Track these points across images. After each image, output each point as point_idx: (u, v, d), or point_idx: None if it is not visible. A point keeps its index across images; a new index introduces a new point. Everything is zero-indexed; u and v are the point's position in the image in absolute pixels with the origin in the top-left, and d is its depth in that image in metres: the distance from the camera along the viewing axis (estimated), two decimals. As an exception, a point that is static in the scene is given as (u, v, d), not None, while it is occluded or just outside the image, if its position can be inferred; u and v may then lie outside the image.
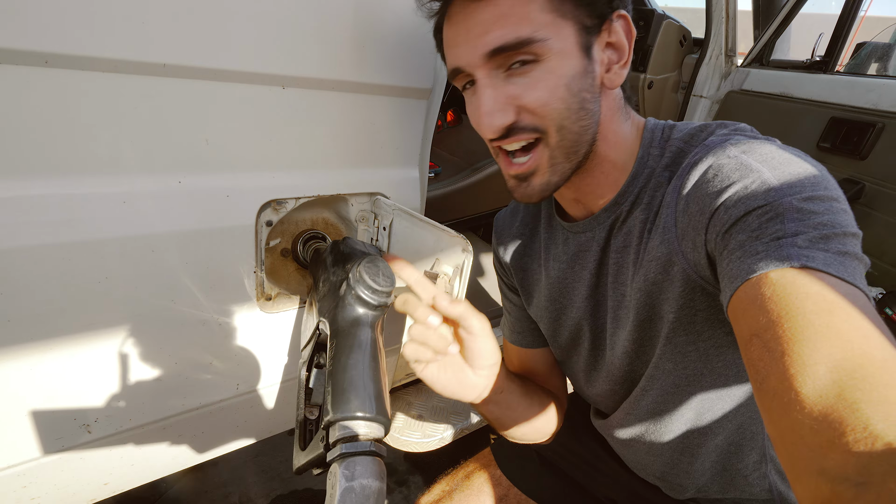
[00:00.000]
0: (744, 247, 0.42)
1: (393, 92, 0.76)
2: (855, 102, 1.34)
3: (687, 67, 2.03)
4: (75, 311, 0.59)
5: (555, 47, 0.51)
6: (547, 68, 0.51)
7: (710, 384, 0.62)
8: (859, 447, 0.28)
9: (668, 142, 0.58)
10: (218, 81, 0.59)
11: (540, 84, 0.52)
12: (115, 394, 0.69)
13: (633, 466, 0.79)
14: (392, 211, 0.78)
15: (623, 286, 0.63)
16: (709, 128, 0.57)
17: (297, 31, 0.62)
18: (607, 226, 0.63)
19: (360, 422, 0.48)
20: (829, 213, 0.41)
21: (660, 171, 0.58)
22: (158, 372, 0.71)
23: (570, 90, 0.52)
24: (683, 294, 0.55)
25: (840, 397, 0.31)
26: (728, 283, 0.43)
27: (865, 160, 1.27)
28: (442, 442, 1.30)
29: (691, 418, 0.65)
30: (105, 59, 0.51)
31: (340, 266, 0.61)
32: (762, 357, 0.36)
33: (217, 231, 0.66)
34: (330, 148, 0.73)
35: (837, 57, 1.51)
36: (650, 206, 0.58)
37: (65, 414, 0.65)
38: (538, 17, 0.50)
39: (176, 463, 0.86)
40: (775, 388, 0.34)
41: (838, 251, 0.39)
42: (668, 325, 0.58)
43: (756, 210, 0.43)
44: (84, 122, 0.53)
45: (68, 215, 0.55)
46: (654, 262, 0.56)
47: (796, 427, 0.32)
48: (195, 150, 0.61)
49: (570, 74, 0.52)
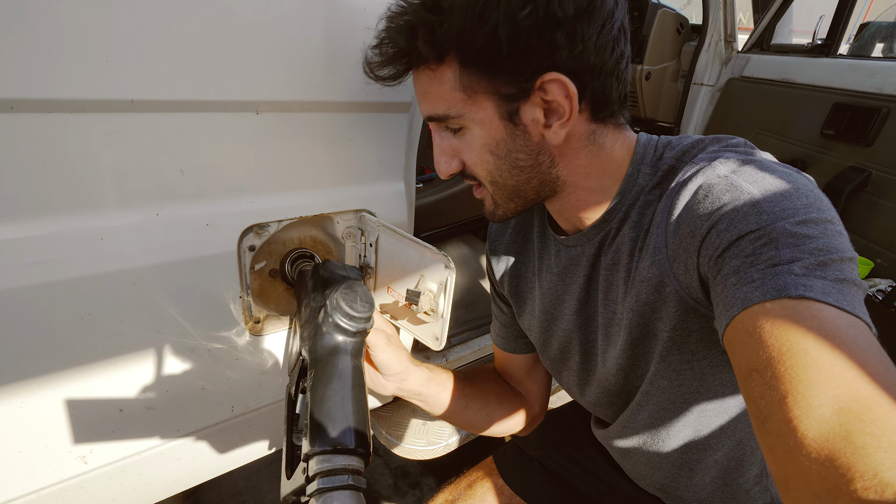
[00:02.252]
0: (738, 273, 0.41)
1: (371, 108, 0.75)
2: (859, 87, 1.29)
3: (686, 55, 1.98)
4: (60, 350, 0.60)
5: (474, 118, 0.54)
6: (471, 136, 0.56)
7: (706, 402, 0.61)
8: (868, 495, 0.27)
9: (660, 160, 0.58)
10: (188, 112, 0.59)
11: (468, 148, 0.57)
12: (108, 424, 0.69)
13: (633, 477, 0.79)
14: (377, 228, 0.78)
15: (614, 304, 0.62)
16: (701, 143, 0.56)
17: (265, 57, 0.61)
18: (596, 242, 0.63)
19: (339, 455, 0.47)
20: (825, 237, 0.40)
21: (649, 189, 0.57)
22: (151, 401, 0.71)
23: (495, 154, 0.56)
24: (677, 314, 0.54)
25: (848, 441, 0.30)
26: (723, 311, 0.42)
27: (871, 147, 1.23)
28: (447, 448, 1.31)
29: (689, 434, 0.65)
30: (70, 100, 0.51)
31: (320, 291, 0.61)
32: (763, 395, 0.35)
33: (199, 260, 0.66)
34: (310, 168, 0.73)
35: (840, 39, 1.46)
36: (640, 225, 0.57)
37: (59, 447, 0.66)
38: (450, 96, 0.53)
39: (177, 485, 0.87)
40: (779, 429, 0.33)
41: (836, 278, 0.38)
42: (662, 343, 0.57)
43: (749, 234, 0.42)
44: (55, 164, 0.53)
45: (46, 256, 0.55)
46: (646, 283, 0.55)
47: (802, 472, 0.31)
48: (171, 181, 0.61)
49: (494, 141, 0.55)
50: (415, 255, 0.71)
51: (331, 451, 0.47)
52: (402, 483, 1.70)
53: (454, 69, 0.51)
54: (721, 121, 1.82)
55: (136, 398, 0.70)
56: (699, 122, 1.91)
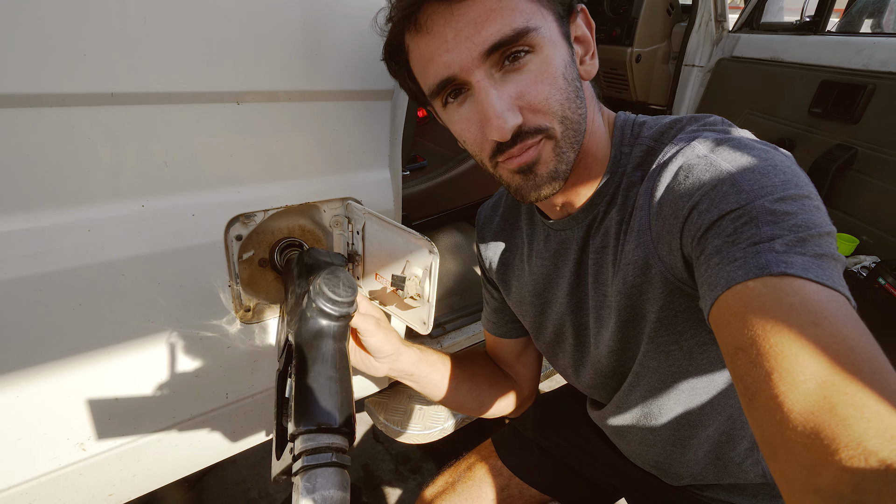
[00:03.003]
0: (721, 252, 0.42)
1: (352, 96, 0.75)
2: (845, 64, 1.29)
3: (676, 37, 1.97)
4: (54, 340, 0.61)
5: (546, 35, 0.50)
6: (543, 59, 0.50)
7: (696, 380, 0.62)
8: (853, 464, 0.28)
9: (637, 139, 0.58)
10: (169, 104, 0.59)
11: (540, 78, 0.50)
12: (105, 413, 0.71)
13: (629, 455, 0.80)
14: (363, 215, 0.79)
15: (604, 286, 0.63)
16: (679, 123, 0.57)
17: (245, 47, 0.62)
18: (585, 225, 0.63)
19: (323, 434, 0.49)
20: (803, 213, 0.41)
21: (630, 170, 0.57)
22: (145, 389, 0.73)
23: (566, 79, 0.51)
24: (663, 295, 0.55)
25: (832, 413, 0.30)
26: (707, 291, 0.43)
27: (857, 124, 1.23)
28: (443, 433, 1.33)
29: (680, 411, 0.66)
30: (50, 94, 0.52)
31: (304, 278, 0.62)
32: (749, 372, 0.36)
33: (186, 250, 0.67)
34: (294, 158, 0.74)
35: (828, 16, 1.45)
36: (624, 207, 0.57)
37: (57, 434, 0.68)
38: (525, 7, 0.48)
39: (177, 471, 0.89)
40: (766, 405, 0.34)
41: (815, 254, 0.39)
42: (650, 324, 0.58)
43: (729, 214, 0.43)
44: (40, 158, 0.54)
45: (35, 248, 0.56)
46: (632, 266, 0.56)
47: (789, 445, 0.32)
48: (155, 173, 0.62)
49: (563, 63, 0.51)
50: (400, 242, 0.73)
51: (315, 431, 0.48)
52: (403, 468, 1.73)
53: None
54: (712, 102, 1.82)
55: (131, 387, 0.71)
56: (691, 104, 1.90)
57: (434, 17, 0.49)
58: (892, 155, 1.14)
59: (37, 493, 0.71)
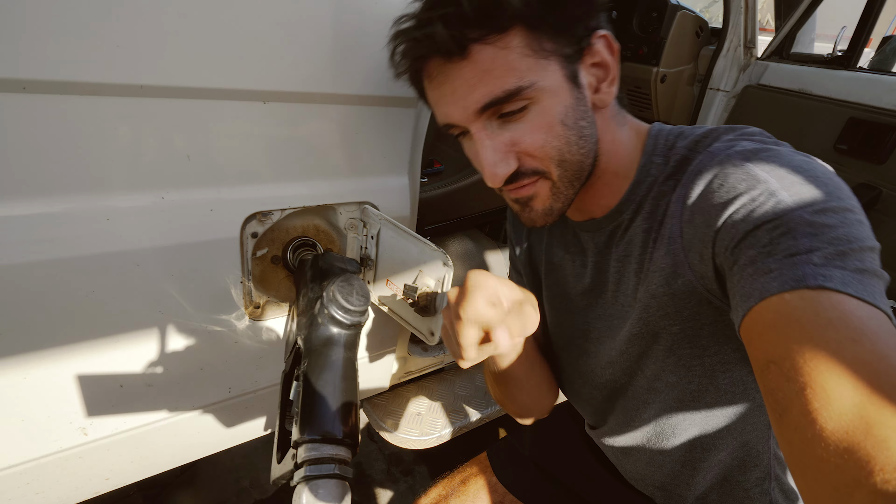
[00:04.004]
0: (755, 263, 0.40)
1: (378, 102, 0.75)
2: (876, 102, 1.27)
3: (703, 59, 1.95)
4: (63, 324, 0.62)
5: (544, 87, 0.50)
6: (540, 109, 0.51)
7: (714, 401, 0.61)
8: (889, 488, 0.27)
9: (671, 150, 0.56)
10: (197, 99, 0.60)
11: (536, 127, 0.51)
12: (109, 399, 0.71)
13: (631, 477, 0.79)
14: (379, 221, 0.78)
15: (625, 296, 0.61)
16: (715, 132, 0.55)
17: (275, 47, 0.62)
18: (608, 231, 0.62)
19: (327, 445, 0.49)
20: (844, 226, 0.39)
21: (663, 179, 0.56)
22: (150, 378, 0.73)
23: (565, 124, 0.52)
24: (689, 306, 0.53)
25: (868, 434, 0.29)
26: (740, 302, 0.41)
27: (884, 165, 1.21)
28: (440, 440, 1.32)
29: (695, 433, 0.65)
30: (81, 83, 0.52)
31: (318, 282, 0.62)
32: (781, 387, 0.35)
33: (201, 244, 0.67)
34: (314, 159, 0.74)
35: (860, 52, 1.43)
36: (653, 216, 0.56)
37: (60, 418, 0.68)
38: (521, 64, 0.48)
39: (174, 459, 0.89)
40: (797, 421, 0.33)
41: (856, 268, 0.37)
42: (672, 337, 0.57)
43: (766, 224, 0.41)
44: (65, 144, 0.55)
45: (53, 233, 0.57)
46: (658, 273, 0.54)
47: (820, 464, 0.31)
48: (177, 166, 0.62)
49: (564, 109, 0.51)
50: (414, 251, 0.72)
51: (319, 440, 0.48)
52: (395, 470, 1.73)
53: (521, 34, 0.48)
54: (735, 128, 1.79)
55: (136, 375, 0.72)
56: (713, 128, 1.87)
57: (435, 73, 0.52)
58: (917, 199, 1.12)
59: (36, 474, 0.71)
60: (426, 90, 0.56)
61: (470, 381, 1.49)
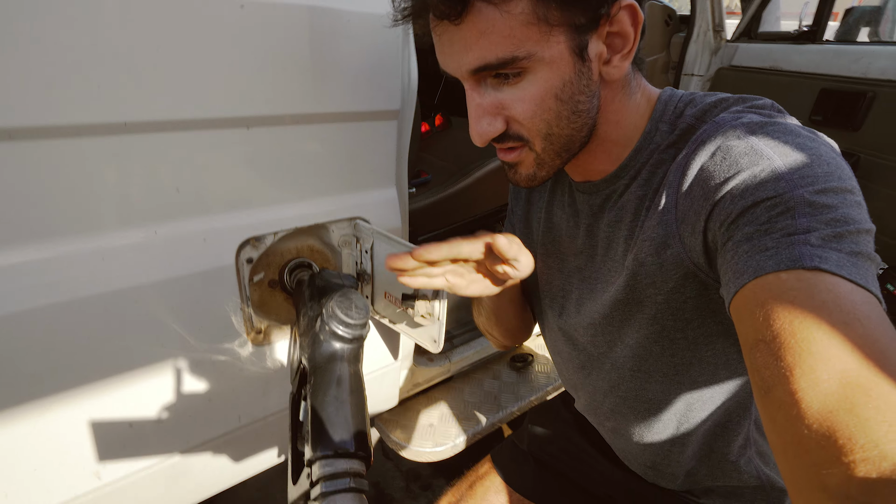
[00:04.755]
0: (752, 240, 0.41)
1: (360, 117, 0.76)
2: (844, 72, 1.30)
3: (675, 47, 1.99)
4: (68, 369, 0.62)
5: (543, 58, 0.48)
6: (535, 79, 0.49)
7: (698, 373, 0.61)
8: (866, 466, 0.27)
9: (679, 117, 0.55)
10: (180, 131, 0.60)
11: (527, 96, 0.50)
12: (120, 440, 0.71)
13: (623, 456, 0.80)
14: (371, 235, 0.79)
15: (613, 262, 0.62)
16: (725, 102, 0.53)
17: (253, 73, 0.63)
18: (603, 195, 0.62)
19: (341, 459, 0.49)
20: (843, 207, 0.39)
21: (665, 147, 0.55)
22: (159, 414, 0.73)
23: (559, 99, 0.51)
24: (675, 278, 0.53)
25: (852, 413, 0.30)
26: (732, 279, 0.41)
27: (859, 131, 1.24)
28: (455, 449, 1.32)
29: (681, 409, 0.65)
30: (65, 126, 0.53)
31: (316, 300, 0.62)
32: (768, 365, 0.35)
33: (198, 274, 0.67)
34: (302, 180, 0.75)
35: (825, 25, 1.47)
36: (649, 183, 0.56)
37: (72, 464, 0.68)
38: (521, 32, 0.46)
39: (190, 497, 0.88)
40: (782, 399, 0.33)
41: (851, 251, 0.37)
42: (656, 306, 0.57)
43: (765, 201, 0.41)
44: (55, 188, 0.55)
45: (50, 278, 0.57)
46: (649, 242, 0.54)
47: (802, 441, 0.31)
48: (167, 199, 0.63)
49: (561, 83, 0.50)
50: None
51: (332, 456, 0.48)
52: (413, 486, 1.72)
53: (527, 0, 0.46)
54: (713, 110, 1.82)
55: (144, 412, 0.71)
56: (691, 113, 1.91)
57: (436, 26, 0.50)
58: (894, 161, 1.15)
59: (50, 522, 0.71)
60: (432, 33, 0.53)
61: (478, 387, 1.49)
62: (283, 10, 0.62)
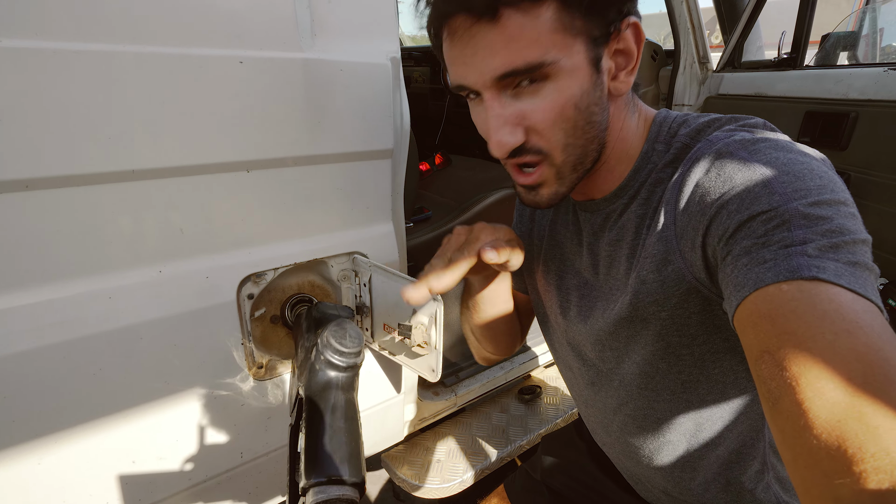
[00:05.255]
0: (750, 253, 0.41)
1: (355, 157, 0.81)
2: (826, 94, 1.34)
3: (664, 80, 2.07)
4: (74, 405, 0.64)
5: (565, 66, 0.49)
6: (556, 87, 0.50)
7: (707, 391, 0.61)
8: (879, 474, 0.27)
9: (674, 137, 0.56)
10: (184, 176, 0.65)
11: (548, 104, 0.51)
12: (122, 477, 0.72)
13: (635, 483, 0.78)
14: (369, 268, 0.82)
15: (616, 280, 0.62)
16: (718, 122, 0.55)
17: (252, 121, 0.68)
18: (603, 214, 0.63)
19: (333, 486, 0.49)
20: (838, 218, 0.40)
21: (662, 166, 0.56)
22: (161, 450, 0.74)
23: (578, 108, 0.52)
24: (678, 293, 0.54)
25: (860, 422, 0.30)
26: (734, 292, 0.42)
27: (846, 150, 1.26)
28: (463, 485, 1.29)
29: (690, 429, 0.64)
30: (79, 175, 0.57)
31: (312, 331, 0.64)
32: (774, 376, 0.35)
33: (201, 311, 0.70)
34: (301, 218, 0.78)
35: (804, 52, 1.53)
36: (649, 202, 0.57)
37: (76, 499, 0.69)
38: (548, 39, 0.48)
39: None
40: (790, 410, 0.33)
41: (848, 261, 0.38)
42: (661, 322, 0.57)
43: (760, 215, 0.42)
44: (67, 233, 0.59)
45: (60, 317, 0.60)
46: (650, 259, 0.55)
47: (812, 452, 0.31)
48: (172, 240, 0.66)
49: (580, 92, 0.51)
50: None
51: (325, 483, 0.49)
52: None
53: (554, 7, 0.47)
54: (706, 137, 1.87)
55: (147, 450, 0.73)
56: (685, 141, 1.96)
57: (459, 31, 0.50)
58: (883, 178, 1.16)
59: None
60: (445, 45, 0.54)
61: (486, 420, 1.47)
62: (278, 63, 0.68)
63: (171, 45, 0.59)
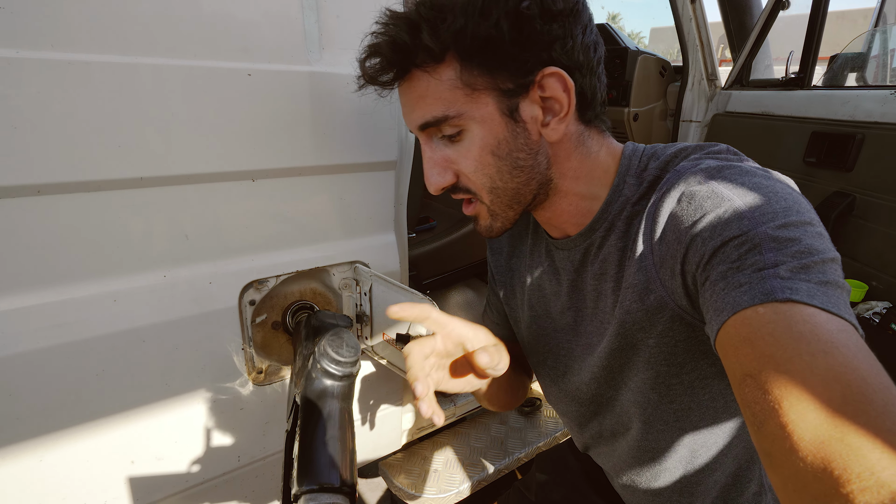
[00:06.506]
0: (726, 278, 0.42)
1: (359, 168, 0.82)
2: (833, 115, 1.34)
3: (672, 95, 2.07)
4: (76, 404, 0.65)
5: (474, 117, 0.54)
6: (469, 139, 0.56)
7: (699, 419, 0.62)
8: (865, 496, 0.28)
9: (644, 171, 0.59)
10: (191, 184, 0.66)
11: (468, 153, 0.57)
12: (122, 477, 0.73)
13: None
14: (370, 278, 0.83)
15: (603, 314, 0.63)
16: (684, 152, 0.58)
17: (258, 131, 0.69)
18: (582, 249, 0.64)
19: (324, 494, 0.50)
20: (806, 239, 0.41)
21: (636, 199, 0.58)
22: (160, 452, 0.75)
23: (496, 155, 0.56)
24: (663, 321, 0.55)
25: (843, 443, 0.30)
26: (714, 316, 0.43)
27: (852, 172, 1.26)
28: (459, 496, 1.29)
29: (686, 456, 0.65)
30: (89, 181, 0.59)
31: (311, 340, 0.65)
32: (758, 399, 0.36)
33: (203, 316, 0.71)
34: (304, 226, 0.79)
35: (812, 72, 1.53)
36: (627, 235, 0.58)
37: (76, 499, 0.70)
38: (450, 95, 0.53)
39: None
40: (774, 433, 0.34)
41: (819, 280, 0.39)
42: (648, 350, 0.58)
43: (732, 240, 0.43)
44: (76, 237, 0.61)
45: (65, 319, 0.61)
46: (632, 290, 0.56)
47: (799, 475, 0.32)
48: (177, 245, 0.68)
49: (495, 141, 0.55)
50: (404, 301, 0.76)
51: (317, 490, 0.50)
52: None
53: (454, 67, 0.52)
54: (713, 154, 1.87)
55: (146, 450, 0.74)
56: (692, 157, 1.96)
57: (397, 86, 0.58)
58: (888, 201, 1.16)
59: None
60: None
61: (485, 432, 1.47)
62: (286, 76, 0.69)
63: (182, 58, 0.61)
